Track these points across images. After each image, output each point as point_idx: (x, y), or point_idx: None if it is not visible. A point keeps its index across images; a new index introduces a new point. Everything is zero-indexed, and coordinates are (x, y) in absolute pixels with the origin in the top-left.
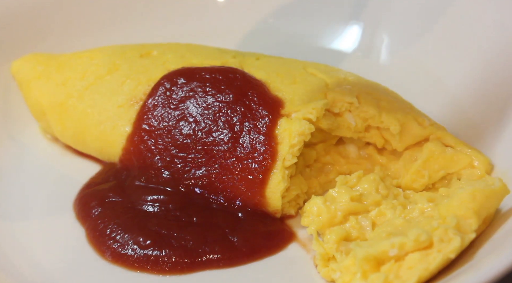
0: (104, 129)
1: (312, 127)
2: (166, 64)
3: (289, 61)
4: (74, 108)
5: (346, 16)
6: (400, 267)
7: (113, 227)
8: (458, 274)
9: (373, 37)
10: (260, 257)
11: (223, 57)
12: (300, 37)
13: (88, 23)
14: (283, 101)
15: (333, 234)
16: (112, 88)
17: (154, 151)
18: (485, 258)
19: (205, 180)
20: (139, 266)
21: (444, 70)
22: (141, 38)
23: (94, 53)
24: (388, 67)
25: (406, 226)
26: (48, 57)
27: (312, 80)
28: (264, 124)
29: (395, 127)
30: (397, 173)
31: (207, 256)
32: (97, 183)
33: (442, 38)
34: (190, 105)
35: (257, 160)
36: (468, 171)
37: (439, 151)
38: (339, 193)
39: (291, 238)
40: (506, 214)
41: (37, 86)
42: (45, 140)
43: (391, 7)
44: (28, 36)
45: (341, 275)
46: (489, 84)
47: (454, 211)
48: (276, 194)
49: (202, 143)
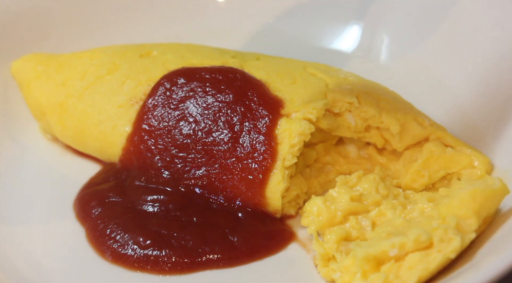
0: (104, 129)
1: (312, 127)
2: (166, 64)
3: (289, 61)
4: (74, 108)
5: (346, 16)
6: (400, 267)
7: (113, 227)
8: (458, 274)
9: (373, 37)
10: (260, 257)
11: (223, 57)
12: (300, 37)
13: (88, 23)
14: (283, 101)
15: (333, 234)
16: (112, 88)
17: (154, 151)
18: (485, 258)
19: (205, 180)
20: (139, 266)
21: (444, 70)
22: (141, 38)
23: (94, 53)
24: (388, 67)
25: (406, 226)
26: (48, 57)
27: (312, 80)
28: (264, 124)
29: (395, 127)
30: (397, 173)
31: (207, 256)
32: (97, 183)
33: (442, 38)
34: (190, 105)
35: (257, 160)
36: (468, 171)
37: (439, 151)
38: (339, 193)
39: (291, 238)
40: (506, 214)
41: (37, 86)
42: (45, 141)
43: (391, 7)
44: (28, 36)
45: (341, 275)
46: (489, 84)
47: (454, 211)
48: (276, 194)
49: (202, 142)
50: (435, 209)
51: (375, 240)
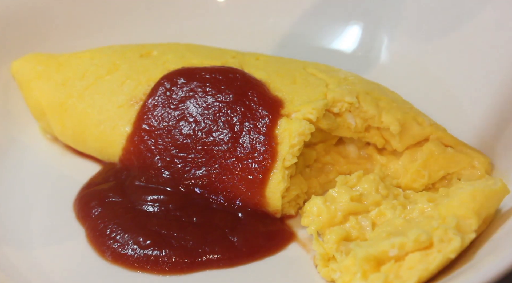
0: (104, 129)
1: (312, 127)
2: (166, 64)
3: (289, 61)
4: (74, 108)
5: (346, 16)
6: (400, 267)
7: (113, 227)
8: (458, 274)
9: (373, 37)
10: (260, 257)
11: (223, 57)
12: (300, 37)
13: (88, 23)
14: (283, 101)
15: (333, 234)
16: (112, 88)
17: (154, 151)
18: (485, 258)
19: (205, 180)
20: (139, 266)
21: (444, 70)
22: (141, 38)
23: (94, 53)
24: (388, 67)
25: (406, 226)
26: (48, 57)
27: (312, 80)
28: (264, 124)
29: (395, 127)
30: (397, 173)
31: (207, 256)
32: (97, 183)
33: (442, 38)
34: (190, 105)
35: (257, 160)
36: (468, 171)
37: (439, 151)
38: (339, 193)
39: (291, 238)
40: (506, 214)
41: (37, 86)
42: (45, 141)
43: (391, 7)
44: (28, 36)
45: (341, 275)
46: (489, 84)
47: (454, 211)
48: (276, 194)
49: (202, 143)
50: (435, 209)
51: (375, 240)
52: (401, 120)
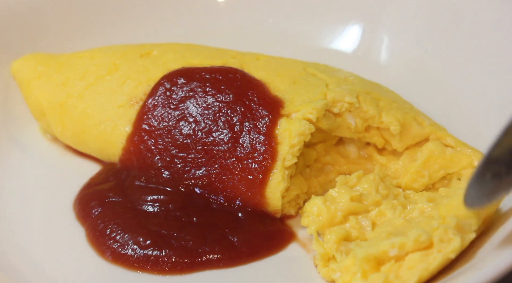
0: (104, 129)
1: (312, 127)
2: (166, 64)
3: (289, 61)
4: (74, 108)
5: (346, 16)
6: (400, 267)
7: (113, 227)
8: (458, 274)
9: (373, 37)
10: (260, 257)
11: (223, 57)
12: (300, 37)
13: (88, 23)
14: (283, 101)
15: (333, 234)
16: (112, 88)
17: (154, 151)
18: (485, 258)
19: (205, 180)
20: (139, 266)
21: (444, 70)
22: (141, 38)
23: (94, 53)
24: (388, 67)
25: (406, 226)
26: (48, 57)
27: (312, 80)
28: (264, 124)
29: (395, 127)
30: (397, 173)
31: (207, 256)
32: (97, 183)
33: (442, 38)
34: (190, 105)
35: (257, 160)
36: (468, 171)
37: (439, 151)
38: (339, 193)
39: (291, 238)
40: (506, 214)
41: (37, 86)
42: (45, 141)
43: (391, 7)
44: (28, 36)
45: (341, 275)
46: (489, 84)
47: (454, 211)
48: (276, 194)
49: (202, 143)
50: (435, 209)
51: (375, 240)
52: (401, 120)
